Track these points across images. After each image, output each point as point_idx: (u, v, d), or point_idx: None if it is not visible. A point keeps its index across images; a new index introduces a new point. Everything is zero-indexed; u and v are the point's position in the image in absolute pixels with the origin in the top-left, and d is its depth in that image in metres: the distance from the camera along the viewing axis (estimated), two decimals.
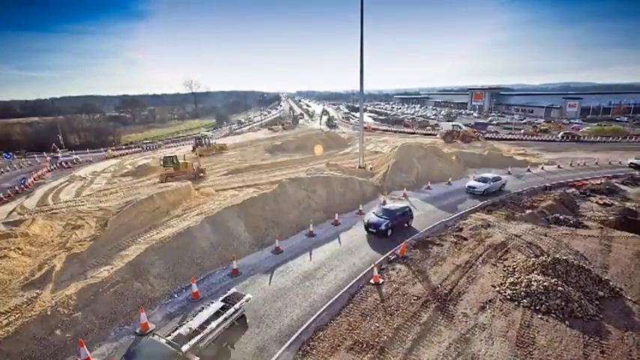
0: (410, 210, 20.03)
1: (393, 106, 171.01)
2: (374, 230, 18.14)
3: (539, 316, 11.35)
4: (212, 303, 10.29)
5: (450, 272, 14.28)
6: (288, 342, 10.51)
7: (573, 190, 26.81)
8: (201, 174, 33.04)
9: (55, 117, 72.36)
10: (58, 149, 58.04)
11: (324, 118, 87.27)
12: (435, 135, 60.48)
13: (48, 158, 47.56)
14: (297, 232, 18.97)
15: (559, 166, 36.85)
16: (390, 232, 18.07)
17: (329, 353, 10.06)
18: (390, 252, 16.26)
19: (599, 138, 59.40)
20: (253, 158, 42.92)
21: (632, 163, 36.55)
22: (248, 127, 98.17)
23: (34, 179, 35.50)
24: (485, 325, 11.02)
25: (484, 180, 26.34)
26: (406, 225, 19.53)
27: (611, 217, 20.41)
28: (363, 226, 18.86)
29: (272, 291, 13.33)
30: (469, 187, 26.37)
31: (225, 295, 10.67)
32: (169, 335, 8.74)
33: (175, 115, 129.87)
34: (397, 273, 14.39)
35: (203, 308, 9.99)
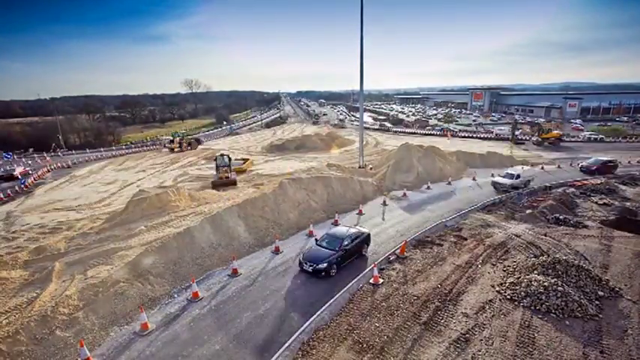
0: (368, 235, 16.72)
1: (393, 106, 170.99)
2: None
3: (539, 316, 11.36)
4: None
5: (450, 272, 14.28)
6: (289, 342, 10.51)
7: (573, 190, 26.80)
8: None
9: (55, 117, 72.21)
10: (59, 149, 58.09)
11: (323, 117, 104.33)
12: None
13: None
14: (297, 232, 18.97)
15: (559, 166, 36.86)
16: None
17: (329, 353, 10.06)
18: (389, 252, 16.27)
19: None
20: None
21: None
22: (248, 127, 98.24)
23: (34, 179, 35.52)
24: (485, 325, 11.03)
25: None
26: None
27: (610, 217, 20.41)
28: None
29: (272, 291, 13.32)
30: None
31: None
32: None
33: (175, 115, 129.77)
34: (397, 273, 14.39)
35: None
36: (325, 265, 13.95)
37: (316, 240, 15.84)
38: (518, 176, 27.14)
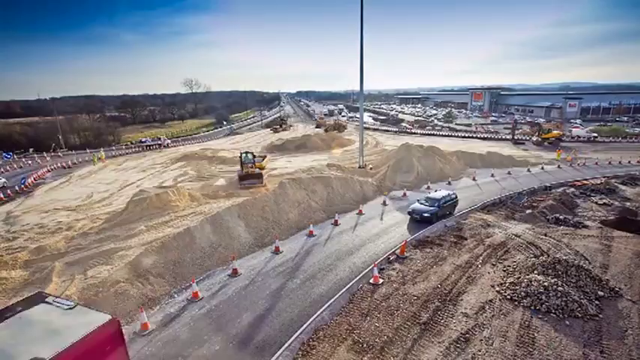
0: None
1: (393, 106, 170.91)
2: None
3: (539, 316, 11.36)
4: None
5: (450, 272, 14.28)
6: (289, 342, 10.51)
7: (573, 190, 26.81)
8: None
9: (55, 117, 72.12)
10: (59, 149, 58.09)
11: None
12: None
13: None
14: (297, 232, 18.98)
15: (559, 166, 36.85)
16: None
17: (329, 353, 10.07)
18: (389, 252, 16.28)
19: (599, 138, 59.27)
20: None
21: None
22: (247, 127, 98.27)
23: (34, 179, 35.50)
24: (485, 325, 11.03)
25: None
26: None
27: (610, 217, 20.41)
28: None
29: (272, 291, 13.33)
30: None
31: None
32: None
33: (175, 115, 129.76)
34: (397, 273, 14.39)
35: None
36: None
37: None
38: (440, 201, 20.28)
